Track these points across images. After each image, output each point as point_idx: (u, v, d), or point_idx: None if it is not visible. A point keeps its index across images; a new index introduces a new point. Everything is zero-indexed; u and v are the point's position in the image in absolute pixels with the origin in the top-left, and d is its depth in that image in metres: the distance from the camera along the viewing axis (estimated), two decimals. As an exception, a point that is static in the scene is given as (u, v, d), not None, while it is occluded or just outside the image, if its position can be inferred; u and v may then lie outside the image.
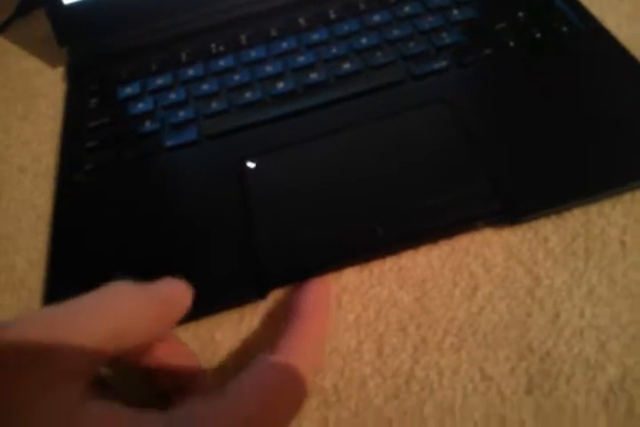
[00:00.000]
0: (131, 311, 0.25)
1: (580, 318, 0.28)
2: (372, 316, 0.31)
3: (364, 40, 0.43)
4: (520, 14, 0.42)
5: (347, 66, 0.41)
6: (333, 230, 0.33)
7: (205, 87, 0.42)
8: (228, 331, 0.31)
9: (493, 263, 0.31)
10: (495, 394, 0.27)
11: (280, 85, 0.41)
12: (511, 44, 0.40)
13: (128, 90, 0.44)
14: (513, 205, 0.32)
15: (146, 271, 0.30)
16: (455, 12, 0.43)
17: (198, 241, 0.34)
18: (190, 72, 0.44)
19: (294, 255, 0.32)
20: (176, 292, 0.27)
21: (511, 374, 0.27)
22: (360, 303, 0.31)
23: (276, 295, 0.32)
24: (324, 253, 0.32)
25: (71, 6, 0.45)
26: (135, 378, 0.29)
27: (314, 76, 0.41)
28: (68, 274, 0.35)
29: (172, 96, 0.42)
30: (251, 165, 0.37)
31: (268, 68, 0.42)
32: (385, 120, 0.37)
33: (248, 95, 0.41)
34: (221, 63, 0.44)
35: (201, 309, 0.30)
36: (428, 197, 0.33)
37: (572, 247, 0.31)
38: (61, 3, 0.44)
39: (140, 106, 0.42)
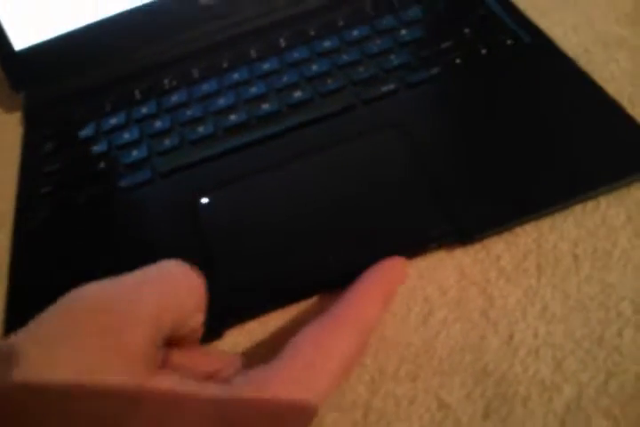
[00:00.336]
0: (184, 287, 0.26)
1: (535, 338, 0.28)
2: (327, 347, 0.30)
3: (314, 67, 0.43)
4: (466, 31, 0.42)
5: (298, 94, 0.41)
6: (287, 264, 0.32)
7: (158, 124, 0.42)
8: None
9: (447, 286, 0.30)
10: (452, 423, 0.27)
11: (232, 118, 0.41)
12: (457, 61, 0.40)
13: (83, 132, 0.44)
14: (464, 225, 0.31)
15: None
16: (402, 32, 0.43)
17: None
18: (143, 110, 0.44)
19: (249, 292, 0.32)
20: None
21: (467, 399, 0.27)
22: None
23: (232, 334, 0.32)
24: (279, 289, 0.32)
25: (22, 52, 0.45)
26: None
27: (266, 106, 0.41)
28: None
29: (126, 136, 0.42)
30: (204, 201, 0.37)
31: (221, 101, 0.43)
32: (336, 148, 0.37)
33: (200, 130, 0.41)
34: (174, 99, 0.44)
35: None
36: (380, 223, 0.33)
37: (524, 265, 0.30)
38: (12, 49, 0.45)
39: (95, 148, 0.42)
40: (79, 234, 0.38)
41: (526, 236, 0.31)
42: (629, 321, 0.27)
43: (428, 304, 0.30)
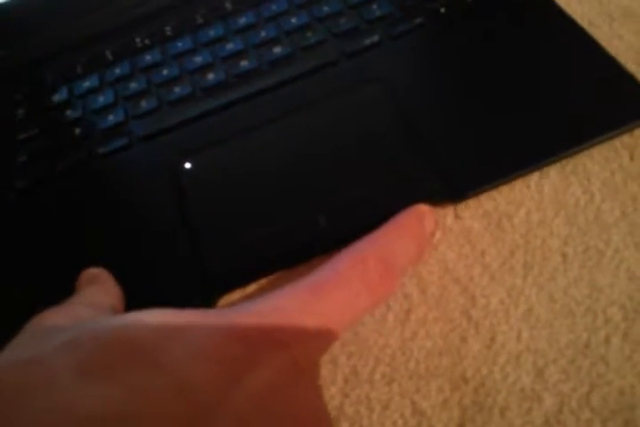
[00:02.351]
0: None
1: (517, 342, 0.25)
2: (303, 344, 0.28)
3: (293, 20, 0.38)
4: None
5: (277, 50, 0.37)
6: (276, 226, 0.30)
7: (133, 86, 0.38)
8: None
9: (428, 282, 0.28)
10: (427, 430, 0.25)
11: (210, 77, 0.37)
12: (442, 10, 0.36)
13: (55, 96, 0.39)
14: (454, 182, 0.29)
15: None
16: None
17: (139, 251, 0.32)
18: (117, 71, 0.39)
19: (239, 258, 0.30)
20: None
21: (443, 406, 0.25)
22: (290, 331, 0.28)
23: (224, 303, 0.29)
24: (270, 252, 0.29)
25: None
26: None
27: (244, 63, 0.37)
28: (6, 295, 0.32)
29: (101, 99, 0.38)
30: (186, 165, 0.33)
31: (197, 59, 0.38)
32: (320, 105, 0.34)
33: (177, 90, 0.37)
34: (148, 58, 0.39)
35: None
36: (367, 180, 0.30)
37: (510, 262, 0.27)
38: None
39: (69, 113, 0.38)
40: (57, 204, 0.35)
41: (514, 231, 0.28)
42: (617, 328, 0.25)
43: (407, 301, 0.27)
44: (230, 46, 0.38)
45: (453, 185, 0.29)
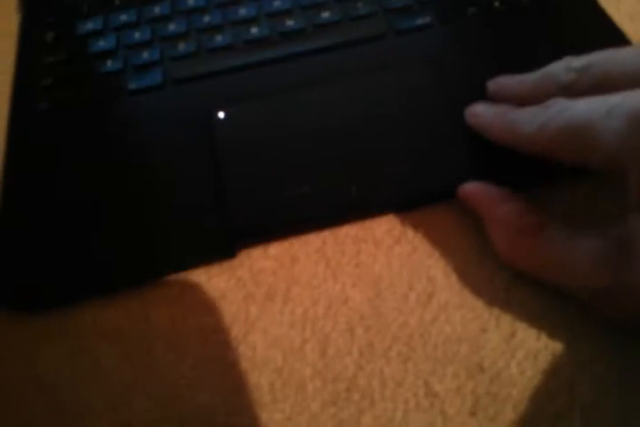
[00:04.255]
0: None
1: (537, 341, 0.24)
2: (320, 312, 0.25)
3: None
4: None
5: (326, 14, 0.34)
6: (306, 188, 0.28)
7: (172, 27, 0.34)
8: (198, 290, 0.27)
9: (455, 268, 0.25)
10: (438, 412, 0.23)
11: (254, 30, 0.34)
12: (496, 4, 0.33)
13: (89, 25, 0.35)
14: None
15: (107, 222, 0.28)
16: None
17: (163, 193, 0.29)
18: (156, 10, 0.35)
19: (265, 213, 0.27)
20: None
21: (457, 392, 0.23)
22: (310, 297, 0.26)
23: (248, 255, 0.27)
24: (296, 213, 0.27)
25: None
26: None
27: (290, 23, 0.34)
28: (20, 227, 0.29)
29: (137, 35, 0.34)
30: (221, 114, 0.30)
31: (242, 11, 0.34)
32: (363, 76, 0.31)
33: (219, 39, 0.34)
34: (190, 2, 0.35)
35: (170, 264, 0.27)
36: (404, 159, 0.28)
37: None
38: None
39: (102, 43, 0.34)
40: (80, 133, 0.32)
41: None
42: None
43: (430, 285, 0.25)
44: (277, 3, 0.34)
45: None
